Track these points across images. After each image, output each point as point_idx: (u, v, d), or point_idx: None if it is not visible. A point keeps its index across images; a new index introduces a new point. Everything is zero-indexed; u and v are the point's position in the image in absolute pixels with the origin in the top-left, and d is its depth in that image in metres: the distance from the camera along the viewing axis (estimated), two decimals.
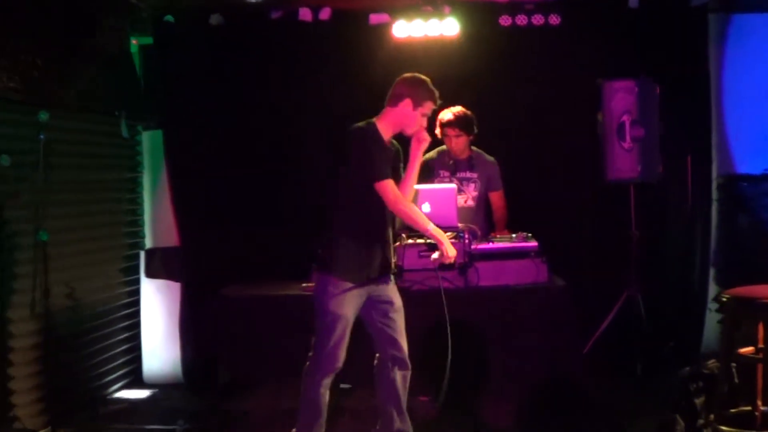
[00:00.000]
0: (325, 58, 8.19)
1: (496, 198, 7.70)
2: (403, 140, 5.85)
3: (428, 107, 5.67)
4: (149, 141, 8.46)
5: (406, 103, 5.58)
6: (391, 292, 5.84)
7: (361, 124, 5.65)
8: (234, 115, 8.21)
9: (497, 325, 6.81)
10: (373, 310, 5.81)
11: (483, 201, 7.68)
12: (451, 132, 7.49)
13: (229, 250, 8.01)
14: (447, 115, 7.47)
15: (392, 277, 5.89)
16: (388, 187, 5.54)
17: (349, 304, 5.64)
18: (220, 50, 8.16)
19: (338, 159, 5.55)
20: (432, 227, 5.59)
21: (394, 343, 5.82)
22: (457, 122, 7.46)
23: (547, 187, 8.24)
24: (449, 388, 5.81)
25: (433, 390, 6.26)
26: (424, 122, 5.71)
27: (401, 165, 5.76)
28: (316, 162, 7.85)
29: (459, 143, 7.53)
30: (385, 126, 5.69)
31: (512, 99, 8.13)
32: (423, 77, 5.74)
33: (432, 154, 7.69)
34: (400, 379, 5.92)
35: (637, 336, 7.67)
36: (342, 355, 5.71)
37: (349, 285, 5.64)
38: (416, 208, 5.72)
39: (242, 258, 8.00)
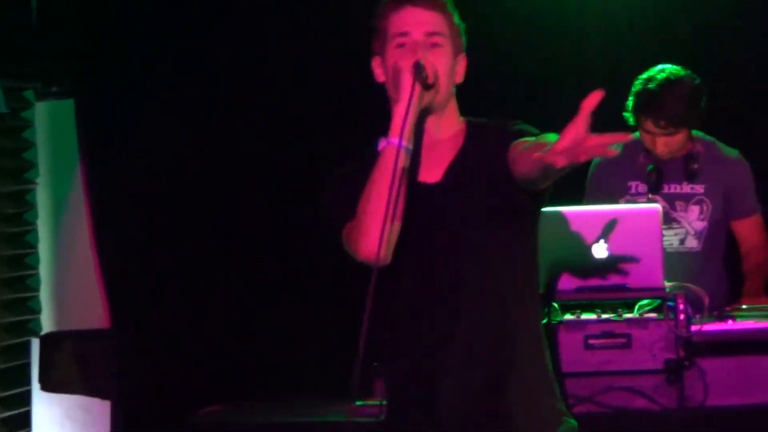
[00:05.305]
0: None
1: (749, 230, 5.42)
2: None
3: (395, 24, 3.33)
4: (48, 119, 6.21)
5: (375, 63, 3.43)
6: None
7: None
8: (211, 85, 6.01)
9: None
10: None
11: (718, 239, 5.45)
12: (653, 128, 5.15)
13: (211, 340, 6.00)
14: (645, 91, 5.08)
15: None
16: None
17: None
18: None
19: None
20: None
21: None
22: (673, 114, 5.08)
23: None
24: None
25: None
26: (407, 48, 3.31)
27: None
28: None
29: (672, 144, 5.23)
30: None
31: None
32: None
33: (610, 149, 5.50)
34: None
35: None
36: None
37: None
38: None
39: (235, 356, 6.01)
